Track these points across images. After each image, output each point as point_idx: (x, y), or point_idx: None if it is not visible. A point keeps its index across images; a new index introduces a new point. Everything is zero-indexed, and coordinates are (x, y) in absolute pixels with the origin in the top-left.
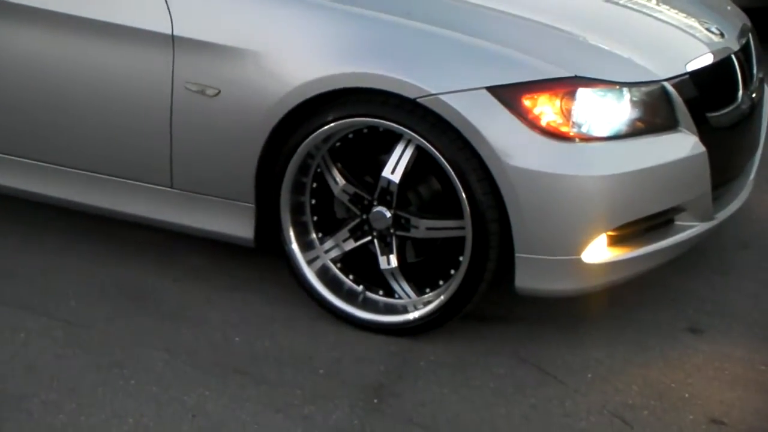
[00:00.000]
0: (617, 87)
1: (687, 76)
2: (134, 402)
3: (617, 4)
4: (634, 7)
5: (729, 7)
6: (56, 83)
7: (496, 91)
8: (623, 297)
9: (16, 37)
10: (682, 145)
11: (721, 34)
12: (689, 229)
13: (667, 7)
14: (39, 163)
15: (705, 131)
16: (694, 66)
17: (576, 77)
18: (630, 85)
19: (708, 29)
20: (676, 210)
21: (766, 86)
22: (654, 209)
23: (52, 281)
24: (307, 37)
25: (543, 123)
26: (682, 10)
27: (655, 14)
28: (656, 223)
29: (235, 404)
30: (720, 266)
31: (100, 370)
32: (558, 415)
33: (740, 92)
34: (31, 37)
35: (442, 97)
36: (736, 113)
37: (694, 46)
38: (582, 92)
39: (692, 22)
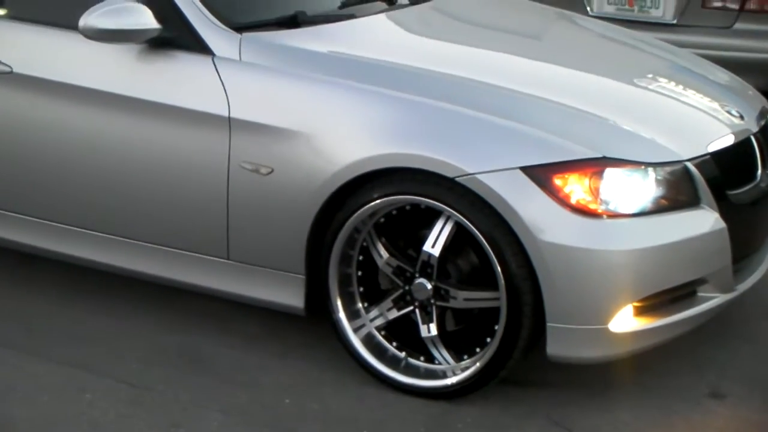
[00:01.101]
0: (642, 167)
1: (708, 156)
2: None
3: (643, 88)
4: (659, 90)
5: (750, 92)
6: (120, 162)
7: (529, 170)
8: (650, 363)
9: (82, 119)
10: (704, 221)
11: (741, 117)
12: (711, 300)
13: (691, 90)
14: (107, 235)
15: (726, 208)
16: (715, 147)
17: (604, 158)
18: (654, 165)
19: (728, 112)
20: (698, 282)
21: None
22: (677, 281)
23: (118, 345)
24: (354, 120)
25: (573, 201)
26: (704, 94)
27: (679, 97)
28: (679, 295)
29: None
30: (742, 334)
31: (160, 430)
32: None
33: (759, 171)
34: (96, 118)
35: (478, 176)
36: (755, 191)
37: (715, 128)
38: (609, 172)
39: (714, 104)
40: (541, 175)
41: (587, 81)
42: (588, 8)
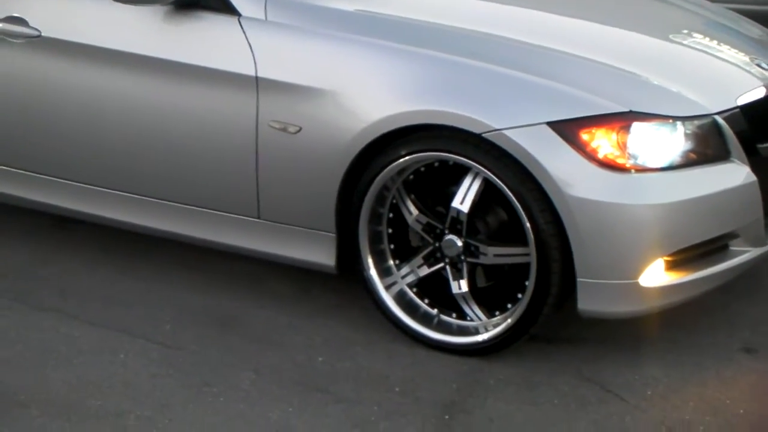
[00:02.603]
0: (670, 121)
1: (738, 109)
2: (223, 418)
3: (672, 42)
4: (689, 44)
5: None
6: (149, 123)
7: (556, 125)
8: (681, 318)
9: (110, 81)
10: (734, 174)
11: None
12: (743, 254)
13: (720, 44)
14: (137, 196)
15: (756, 161)
16: (744, 100)
17: (631, 112)
18: (683, 118)
19: (759, 65)
20: (730, 236)
21: None
22: (708, 236)
23: (150, 306)
24: (381, 77)
25: (600, 155)
26: (734, 47)
27: (708, 51)
28: (711, 249)
29: (316, 420)
30: None
31: (192, 389)
32: (618, 431)
33: None
34: (124, 80)
35: (505, 132)
36: None
37: (745, 81)
38: (637, 126)
39: (744, 58)
40: (568, 129)
41: (615, 36)
42: None
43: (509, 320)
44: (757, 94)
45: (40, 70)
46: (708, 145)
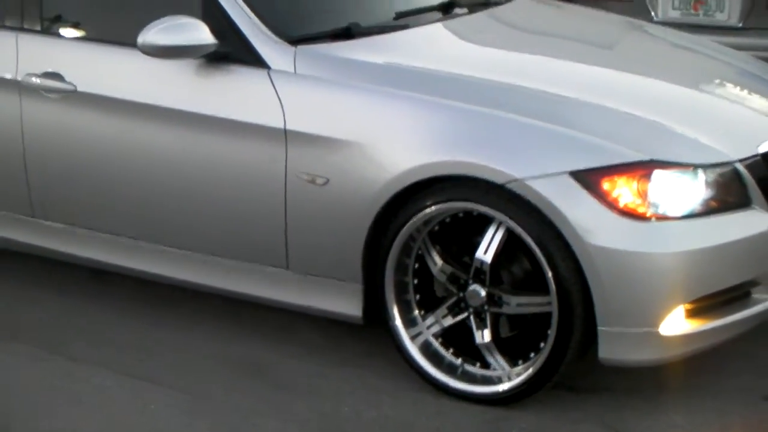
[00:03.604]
0: (692, 169)
1: (759, 157)
2: None
3: (696, 90)
4: (713, 92)
5: None
6: (181, 175)
7: (577, 175)
8: (704, 365)
9: (143, 134)
10: (755, 221)
11: None
12: (765, 301)
13: (745, 92)
14: (170, 248)
15: None
16: (766, 147)
17: (652, 161)
18: (704, 166)
19: None
20: (751, 283)
21: None
22: (729, 283)
23: (180, 356)
24: (406, 129)
25: (621, 204)
26: (760, 95)
27: (732, 99)
28: (733, 296)
29: None
30: None
31: None
32: None
33: None
34: (157, 132)
35: (527, 181)
36: None
37: (766, 129)
38: (658, 174)
39: (765, 104)
40: (589, 179)
41: (640, 85)
42: (653, 14)
43: (531, 369)
44: None
45: (76, 124)
46: (729, 192)
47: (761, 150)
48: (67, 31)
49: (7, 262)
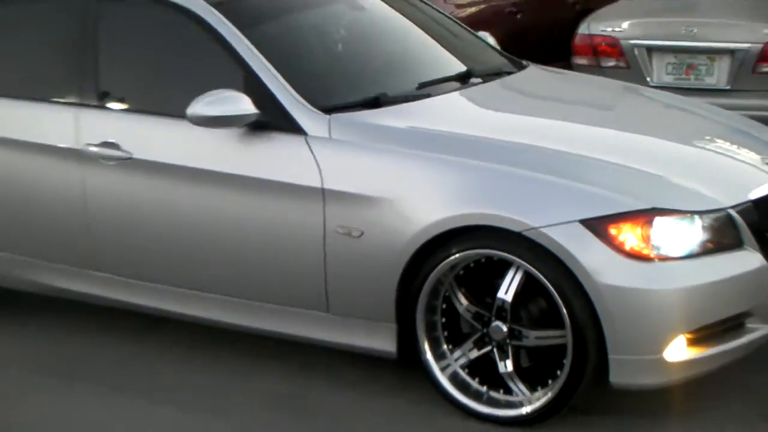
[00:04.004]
0: (689, 215)
1: (750, 203)
2: None
3: (692, 145)
4: (707, 147)
5: None
6: (229, 231)
7: (587, 222)
8: (705, 389)
9: (194, 196)
10: (748, 260)
11: None
12: (758, 331)
13: (735, 146)
14: (221, 296)
15: (767, 249)
16: (756, 195)
17: (654, 209)
18: (700, 212)
19: (766, 161)
20: (745, 315)
21: None
22: (725, 315)
23: (231, 395)
24: (432, 185)
25: (627, 247)
26: (748, 149)
27: (724, 152)
28: (728, 326)
29: None
30: None
31: None
32: None
33: None
34: (206, 194)
35: (542, 229)
36: None
37: (757, 178)
38: (659, 221)
39: (756, 157)
40: (597, 226)
41: (641, 142)
42: (648, 78)
43: (550, 394)
44: (767, 190)
45: (133, 188)
46: (723, 235)
47: (751, 197)
48: (122, 105)
49: (70, 310)
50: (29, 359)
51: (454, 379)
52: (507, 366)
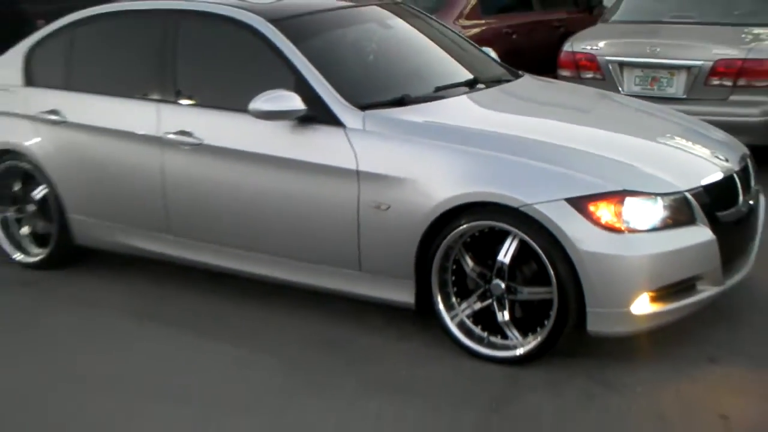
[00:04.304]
0: (653, 196)
1: (701, 188)
2: (327, 407)
3: (656, 141)
4: (668, 143)
5: (735, 144)
6: (282, 204)
7: (571, 200)
8: (664, 337)
9: (253, 175)
10: (699, 234)
11: (727, 160)
12: (706, 291)
13: (691, 143)
14: (274, 257)
15: (715, 225)
16: (706, 181)
17: (624, 190)
18: (662, 195)
19: (718, 157)
20: (696, 278)
21: (761, 196)
22: (680, 277)
23: (279, 336)
24: (446, 168)
25: (603, 222)
26: (702, 145)
27: (682, 147)
28: (683, 287)
29: (402, 411)
30: (731, 317)
31: (311, 394)
32: (616, 417)
33: (741, 199)
34: (263, 174)
35: (535, 205)
36: (737, 213)
37: (708, 168)
38: (629, 200)
39: (708, 152)
40: (579, 203)
41: (614, 137)
42: (620, 88)
43: (539, 339)
44: (716, 177)
45: (202, 168)
46: (680, 213)
47: (703, 183)
48: (195, 101)
49: (140, 268)
50: (118, 303)
51: (461, 326)
52: (504, 316)
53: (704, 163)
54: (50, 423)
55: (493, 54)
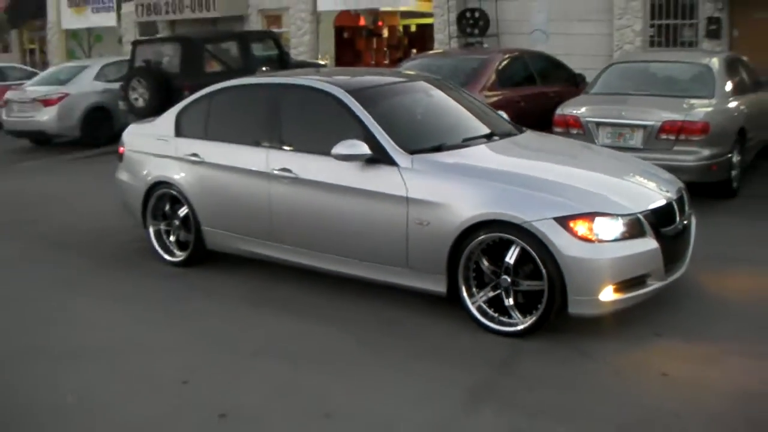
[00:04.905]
0: (615, 216)
1: (649, 211)
2: (386, 370)
3: (620, 178)
4: (628, 179)
5: (675, 179)
6: (351, 222)
7: (558, 219)
8: (622, 317)
9: (332, 201)
10: (647, 244)
11: (668, 191)
12: (653, 285)
13: (644, 179)
14: (343, 257)
15: (660, 237)
16: (653, 206)
17: (596, 212)
18: (621, 215)
19: (661, 189)
20: (646, 275)
21: (693, 217)
22: (634, 274)
23: (350, 315)
24: (469, 196)
25: (579, 234)
26: (651, 181)
27: (637, 183)
28: (637, 281)
29: (433, 372)
30: (671, 303)
31: (368, 359)
32: (594, 379)
33: (677, 219)
34: (339, 200)
35: (532, 222)
36: (675, 229)
37: (654, 197)
38: (598, 219)
39: (654, 185)
40: (563, 221)
41: (590, 175)
42: (596, 141)
43: (534, 318)
44: (660, 203)
45: (297, 195)
46: (634, 229)
47: (650, 207)
48: (293, 147)
49: (252, 265)
50: (237, 292)
51: (480, 309)
52: (510, 302)
53: (652, 193)
54: (183, 368)
55: (505, 116)
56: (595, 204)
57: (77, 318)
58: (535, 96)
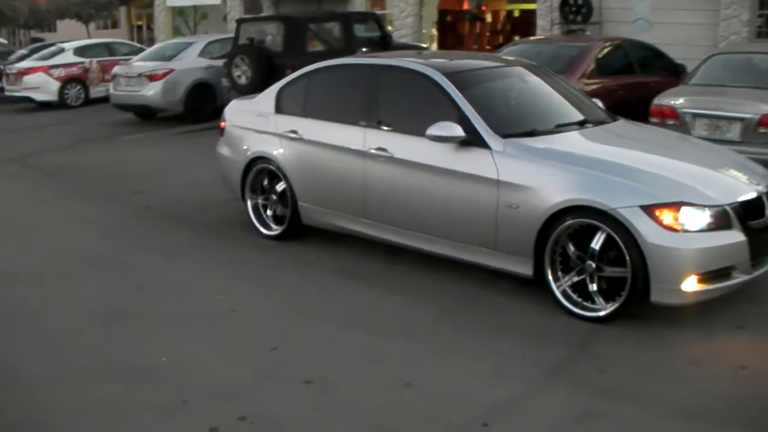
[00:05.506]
0: (701, 207)
1: (738, 203)
2: (456, 344)
3: (712, 170)
4: (720, 171)
5: (765, 172)
6: (443, 202)
7: (644, 207)
8: (705, 308)
9: (426, 181)
10: (734, 236)
11: (758, 185)
12: (738, 278)
13: (736, 172)
14: (433, 237)
15: (747, 230)
16: (742, 198)
17: (681, 202)
18: (708, 206)
19: (752, 182)
20: (731, 267)
21: None
22: (718, 266)
23: (433, 289)
24: (558, 181)
25: (665, 223)
26: (744, 173)
27: (729, 175)
28: (721, 273)
29: (514, 349)
30: (758, 298)
31: (437, 322)
32: (666, 364)
33: (767, 213)
34: (432, 180)
35: (618, 209)
36: (764, 223)
37: (744, 189)
38: (684, 209)
39: (745, 178)
40: (649, 209)
41: (683, 165)
42: (692, 132)
43: (617, 305)
44: (750, 196)
45: (392, 173)
46: (721, 220)
47: (739, 200)
48: (389, 127)
49: (345, 241)
50: (327, 265)
51: (564, 293)
52: (593, 287)
53: (743, 185)
54: (273, 335)
55: (599, 103)
56: (682, 194)
57: (175, 284)
58: (634, 85)
